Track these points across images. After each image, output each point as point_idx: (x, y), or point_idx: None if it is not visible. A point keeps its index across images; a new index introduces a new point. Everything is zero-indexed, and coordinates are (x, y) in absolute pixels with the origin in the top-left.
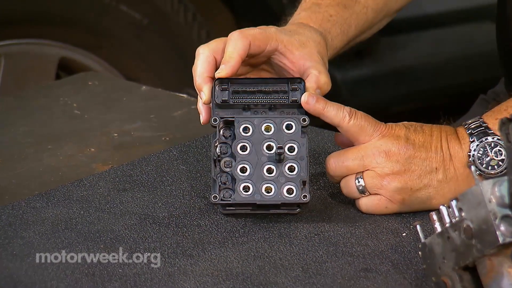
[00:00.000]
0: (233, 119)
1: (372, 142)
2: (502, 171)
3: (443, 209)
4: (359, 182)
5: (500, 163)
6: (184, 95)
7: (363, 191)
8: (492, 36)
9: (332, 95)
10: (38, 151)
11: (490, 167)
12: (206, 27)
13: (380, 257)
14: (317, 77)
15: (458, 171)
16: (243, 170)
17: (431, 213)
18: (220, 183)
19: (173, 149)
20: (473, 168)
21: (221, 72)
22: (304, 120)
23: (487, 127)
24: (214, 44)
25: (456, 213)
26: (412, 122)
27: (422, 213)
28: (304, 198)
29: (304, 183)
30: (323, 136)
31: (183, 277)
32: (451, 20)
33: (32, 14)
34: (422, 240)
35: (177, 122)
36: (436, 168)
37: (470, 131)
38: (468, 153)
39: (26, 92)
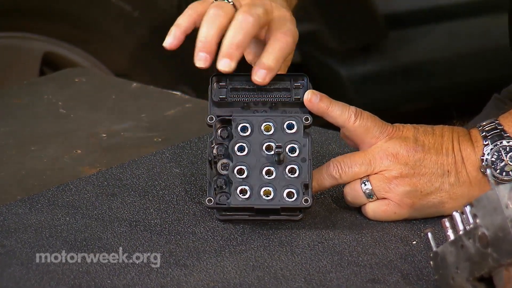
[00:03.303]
0: (231, 117)
1: (379, 144)
2: None
3: (457, 215)
4: (365, 185)
5: None
6: (178, 93)
7: (370, 195)
8: None
9: (337, 93)
10: (21, 153)
11: (504, 173)
12: None
13: (388, 267)
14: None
15: (471, 175)
16: (240, 172)
17: (444, 219)
18: (215, 187)
19: (165, 151)
20: (488, 171)
21: (225, 68)
22: (306, 119)
23: (502, 130)
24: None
25: (471, 220)
26: (421, 124)
27: (434, 220)
28: (305, 202)
29: (306, 186)
30: (327, 136)
31: None
32: (465, 12)
33: (14, 5)
34: (434, 248)
35: (170, 122)
36: (448, 171)
37: (484, 133)
38: (481, 157)
39: (7, 90)
